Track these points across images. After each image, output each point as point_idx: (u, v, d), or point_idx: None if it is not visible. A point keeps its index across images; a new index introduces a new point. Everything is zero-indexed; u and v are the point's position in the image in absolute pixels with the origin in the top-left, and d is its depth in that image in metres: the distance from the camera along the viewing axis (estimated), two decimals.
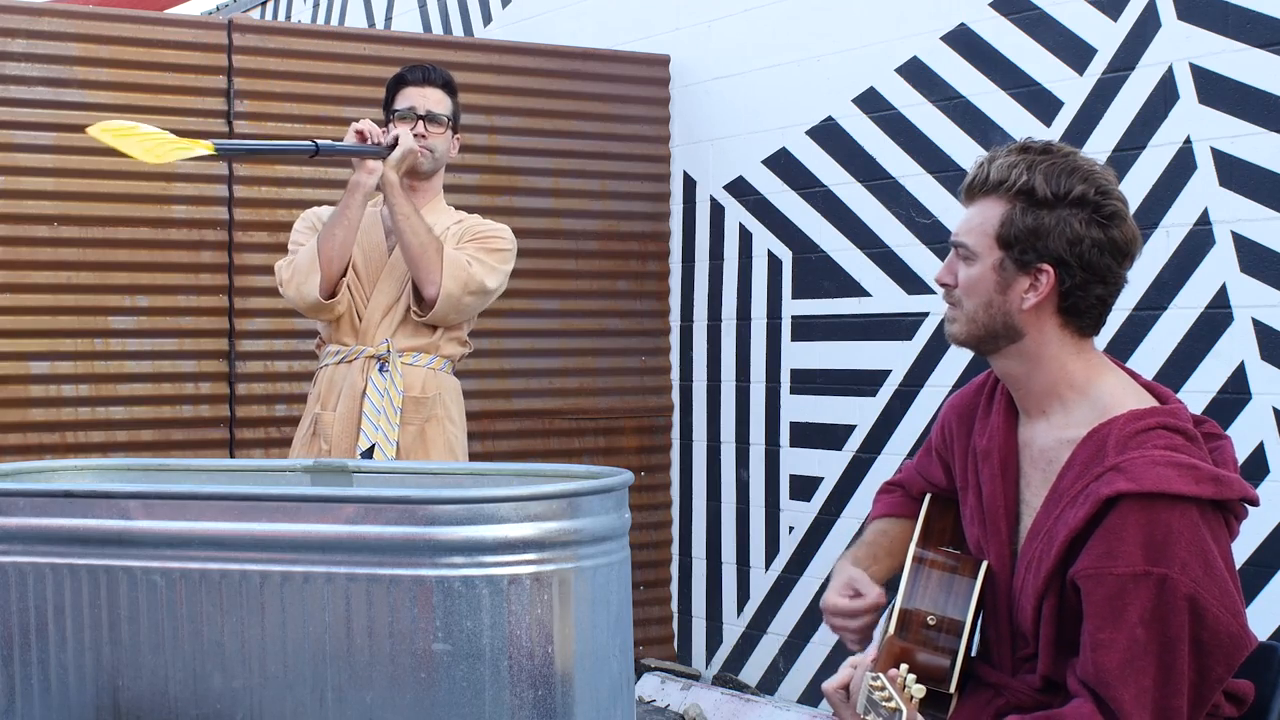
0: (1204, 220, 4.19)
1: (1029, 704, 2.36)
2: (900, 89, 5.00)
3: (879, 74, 5.06)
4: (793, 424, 5.40)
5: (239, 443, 5.08)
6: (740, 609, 5.59)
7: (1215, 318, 4.16)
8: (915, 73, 4.95)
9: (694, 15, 5.73)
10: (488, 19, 6.81)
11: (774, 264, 5.45)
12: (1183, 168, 4.23)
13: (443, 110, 4.01)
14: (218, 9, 9.42)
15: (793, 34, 5.35)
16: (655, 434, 5.83)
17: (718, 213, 5.66)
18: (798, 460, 5.38)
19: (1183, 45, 4.23)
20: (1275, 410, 4.05)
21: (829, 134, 5.23)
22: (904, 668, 2.27)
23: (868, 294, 5.12)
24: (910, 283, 4.97)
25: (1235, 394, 4.12)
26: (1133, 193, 4.31)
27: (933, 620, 2.41)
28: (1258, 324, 4.08)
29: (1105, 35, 4.42)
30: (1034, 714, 2.29)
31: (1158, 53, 4.29)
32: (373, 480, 2.96)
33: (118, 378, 4.92)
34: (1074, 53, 4.50)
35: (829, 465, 5.26)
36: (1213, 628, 2.18)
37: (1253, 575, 3.97)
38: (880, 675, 2.22)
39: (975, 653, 2.51)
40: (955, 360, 4.80)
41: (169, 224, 5.00)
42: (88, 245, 4.88)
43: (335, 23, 8.03)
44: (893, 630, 2.42)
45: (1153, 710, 2.17)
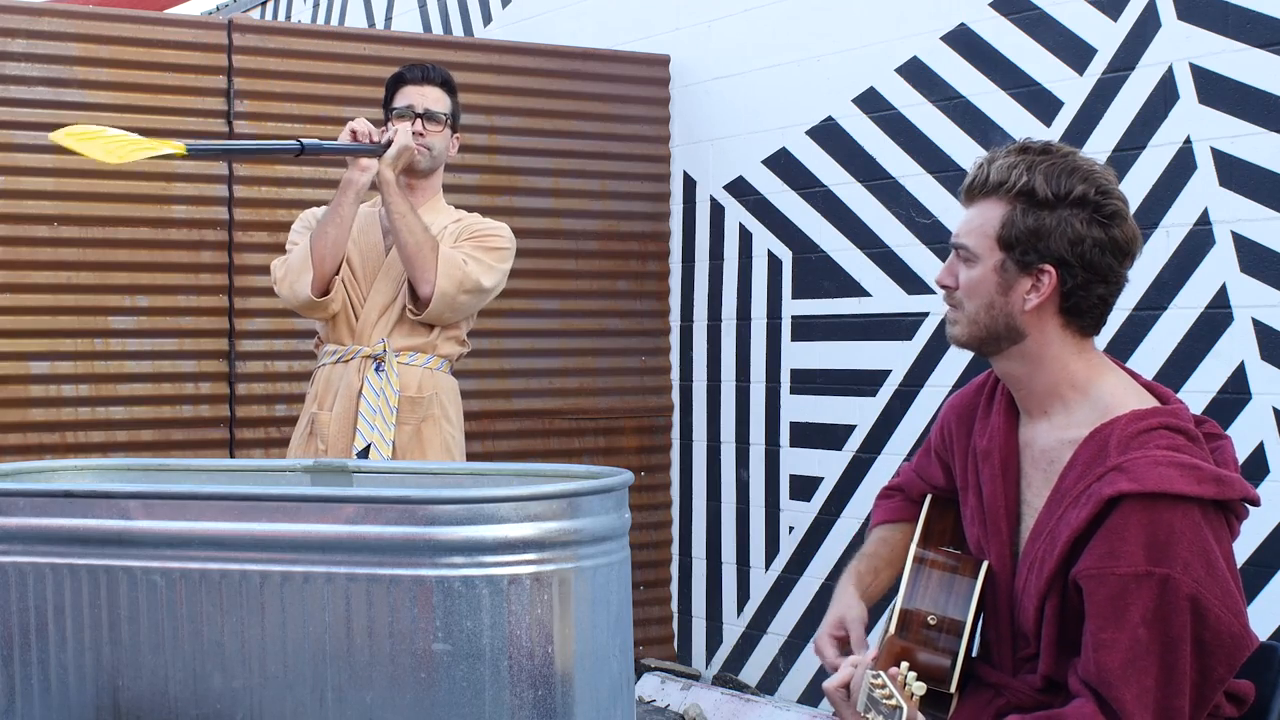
0: (1204, 220, 4.19)
1: (1030, 704, 2.35)
2: (900, 89, 5.00)
3: (879, 74, 5.06)
4: (793, 424, 5.40)
5: (239, 443, 5.07)
6: (740, 609, 5.59)
7: (1215, 318, 4.16)
8: (915, 73, 4.95)
9: (694, 15, 5.73)
10: (488, 19, 6.81)
11: (774, 264, 5.45)
12: (1183, 168, 4.23)
13: (441, 109, 4.00)
14: (218, 9, 9.42)
15: (793, 34, 5.35)
16: (655, 434, 5.83)
17: (718, 213, 5.66)
18: (798, 460, 5.38)
19: (1183, 45, 4.23)
20: (1275, 410, 4.05)
21: (829, 134, 5.23)
22: (904, 665, 2.28)
23: (868, 294, 5.11)
24: (910, 283, 4.97)
25: (1235, 394, 4.12)
26: (1133, 193, 4.31)
27: (933, 620, 2.41)
28: (1258, 324, 4.08)
29: (1105, 35, 4.42)
30: (1035, 714, 2.29)
31: (1158, 53, 4.29)
32: (373, 480, 2.96)
33: (118, 378, 4.91)
34: (1074, 53, 4.50)
35: (829, 465, 5.26)
36: (1215, 628, 2.18)
37: (1253, 575, 3.97)
38: (881, 673, 2.22)
39: (976, 653, 2.51)
40: (955, 360, 4.80)
41: (169, 224, 5.00)
42: (88, 245, 4.88)
43: (335, 23, 8.03)
44: (893, 630, 2.42)
45: (1154, 710, 2.17)
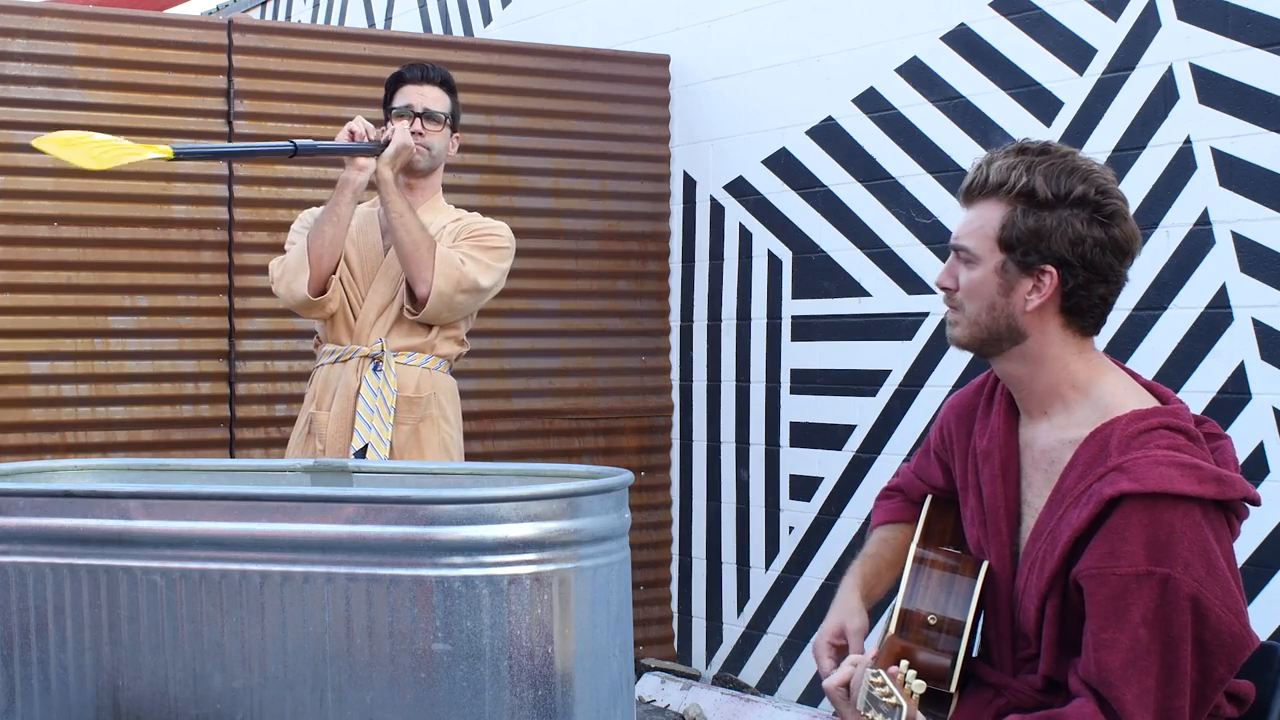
0: (1204, 220, 4.19)
1: (1030, 704, 2.35)
2: (900, 89, 4.99)
3: (879, 74, 5.06)
4: (793, 424, 5.40)
5: (239, 443, 5.07)
6: (740, 609, 5.59)
7: (1215, 318, 4.16)
8: (915, 73, 4.95)
9: (694, 15, 5.73)
10: (488, 19, 6.81)
11: (774, 264, 5.45)
12: (1183, 168, 4.23)
13: (440, 108, 4.00)
14: (218, 9, 9.42)
15: (793, 34, 5.35)
16: (655, 434, 5.83)
17: (718, 213, 5.66)
18: (798, 460, 5.38)
19: (1183, 45, 4.23)
20: (1275, 410, 4.05)
21: (829, 134, 5.23)
22: (904, 664, 2.27)
23: (868, 294, 5.11)
24: (910, 283, 4.97)
25: (1235, 394, 4.11)
26: (1133, 193, 4.31)
27: (933, 620, 2.41)
28: (1258, 324, 4.08)
29: (1105, 35, 4.42)
30: (1035, 714, 2.29)
31: (1158, 53, 4.29)
32: (373, 480, 2.96)
33: (118, 378, 4.91)
34: (1074, 53, 4.50)
35: (829, 465, 5.26)
36: (1215, 628, 2.18)
37: (1253, 575, 3.97)
38: (880, 671, 2.22)
39: (976, 653, 2.51)
40: (955, 360, 4.80)
41: (169, 224, 5.00)
42: (88, 245, 4.88)
43: (335, 23, 8.03)
44: (893, 629, 2.42)
45: (1155, 710, 2.17)
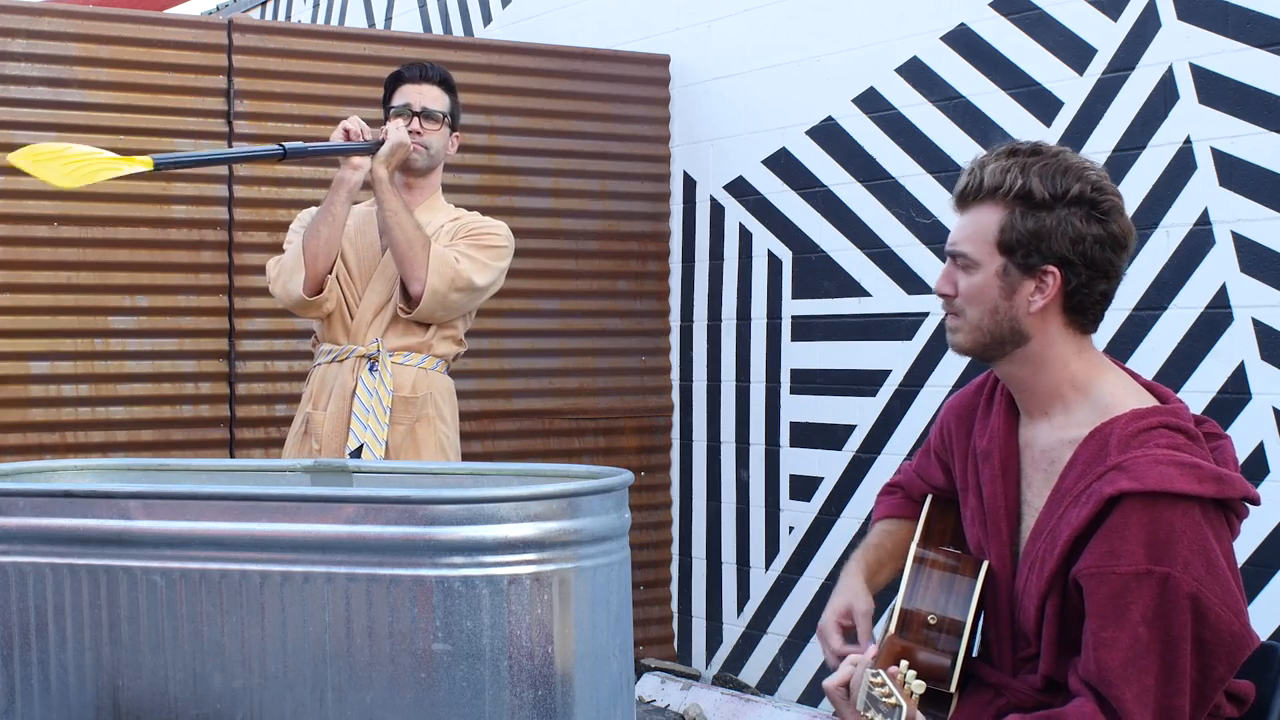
0: (1204, 220, 4.19)
1: (1030, 704, 2.35)
2: (900, 89, 4.99)
3: (879, 74, 5.06)
4: (793, 424, 5.40)
5: (239, 443, 5.07)
6: (740, 609, 5.59)
7: (1215, 318, 4.16)
8: (915, 73, 4.95)
9: (694, 15, 5.73)
10: (488, 19, 6.81)
11: (774, 264, 5.45)
12: (1183, 168, 4.23)
13: (439, 107, 3.99)
14: (218, 9, 9.42)
15: (793, 34, 5.35)
16: (655, 434, 5.83)
17: (718, 213, 5.66)
18: (798, 460, 5.38)
19: (1183, 45, 4.23)
20: (1275, 410, 4.05)
21: (829, 134, 5.23)
22: (904, 664, 2.27)
23: (868, 294, 5.11)
24: (910, 283, 4.97)
25: (1235, 394, 4.11)
26: (1133, 193, 4.31)
27: (933, 620, 2.41)
28: (1258, 324, 4.08)
29: (1105, 35, 4.42)
30: (1035, 714, 2.29)
31: (1158, 53, 4.29)
32: (373, 480, 2.96)
33: (118, 378, 4.91)
34: (1074, 53, 4.50)
35: (829, 465, 5.26)
36: (1215, 627, 2.18)
37: (1253, 575, 3.97)
38: (880, 671, 2.22)
39: (976, 653, 2.51)
40: (955, 360, 4.80)
41: (169, 224, 5.00)
42: (88, 245, 4.88)
43: (335, 23, 8.03)
44: (893, 629, 2.42)
45: (1155, 709, 2.17)
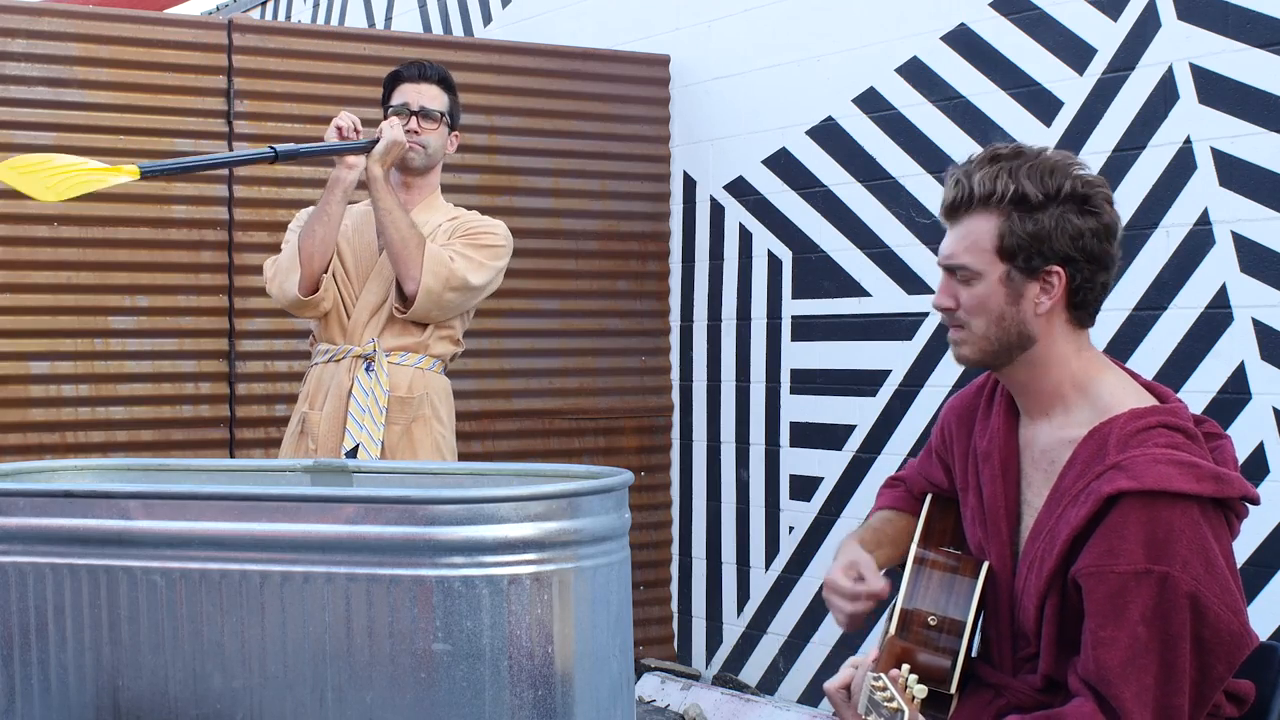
0: (1204, 220, 4.19)
1: (1029, 704, 2.35)
2: (900, 89, 4.99)
3: (879, 74, 5.06)
4: (793, 424, 5.40)
5: (239, 443, 5.07)
6: (740, 609, 5.59)
7: (1215, 318, 4.16)
8: (915, 73, 4.95)
9: (694, 15, 5.73)
10: (488, 19, 6.81)
11: (774, 264, 5.45)
12: (1183, 168, 4.23)
13: (437, 106, 3.99)
14: (218, 9, 9.42)
15: (793, 34, 5.35)
16: (655, 434, 5.83)
17: (718, 213, 5.66)
18: (798, 460, 5.38)
19: (1183, 45, 4.23)
20: (1275, 410, 4.05)
21: (829, 134, 5.23)
22: (906, 668, 2.27)
23: (868, 294, 5.11)
24: (910, 283, 4.97)
25: (1235, 394, 4.11)
26: (1133, 193, 4.31)
27: (934, 620, 2.41)
28: (1258, 324, 4.08)
29: (1105, 35, 4.42)
30: (1035, 714, 2.29)
31: (1158, 53, 4.29)
32: (373, 480, 2.96)
33: (118, 378, 4.91)
34: (1074, 53, 4.50)
35: (829, 465, 5.26)
36: (1214, 626, 2.18)
37: (1253, 575, 3.97)
38: (882, 675, 2.22)
39: (975, 653, 2.51)
40: (955, 360, 4.79)
41: (169, 224, 5.00)
42: (88, 245, 4.88)
43: (335, 23, 8.03)
44: (894, 630, 2.42)
45: (1154, 709, 2.17)
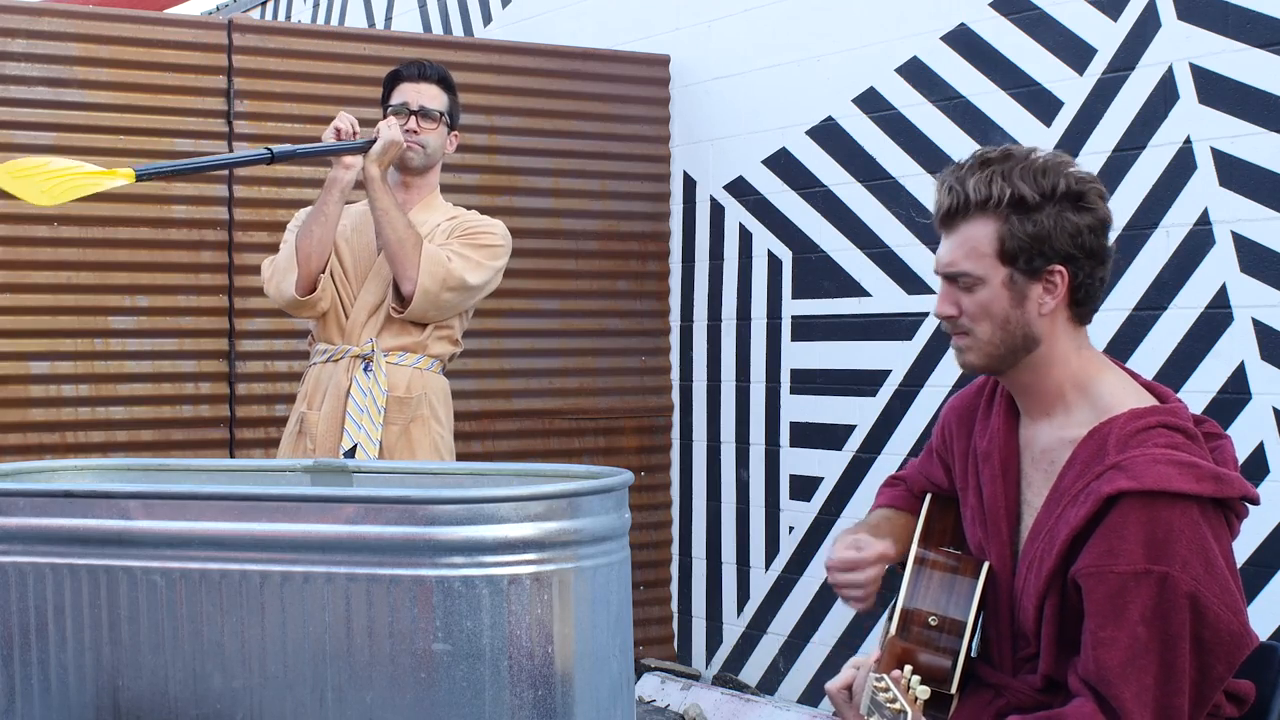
0: (1204, 220, 4.19)
1: (1030, 704, 2.35)
2: (900, 89, 4.99)
3: (879, 74, 5.06)
4: (793, 424, 5.40)
5: (239, 443, 5.08)
6: (740, 609, 5.59)
7: (1215, 318, 4.16)
8: (915, 73, 4.95)
9: (694, 15, 5.73)
10: (488, 19, 6.81)
11: (774, 264, 5.45)
12: (1183, 168, 4.23)
13: (437, 105, 3.98)
14: (218, 9, 9.42)
15: (793, 34, 5.35)
16: (655, 434, 5.83)
17: (718, 213, 5.66)
18: (798, 460, 5.38)
19: (1183, 45, 4.23)
20: (1275, 410, 4.05)
21: (829, 134, 5.23)
22: (908, 669, 2.28)
23: (868, 294, 5.11)
24: (910, 283, 4.97)
25: (1235, 394, 4.11)
26: (1133, 193, 4.31)
27: (934, 620, 2.41)
28: (1258, 324, 4.08)
29: (1105, 35, 4.42)
30: (1035, 714, 2.29)
31: (1158, 53, 4.29)
32: (373, 480, 2.96)
33: (118, 378, 4.91)
34: (1074, 53, 4.50)
35: (829, 465, 5.26)
36: (1214, 626, 2.18)
37: (1253, 575, 3.97)
38: (884, 676, 2.22)
39: (975, 653, 2.51)
40: (955, 360, 4.79)
41: (169, 224, 5.00)
42: (88, 245, 4.88)
43: (335, 23, 8.03)
44: (894, 631, 2.42)
45: (1154, 708, 2.17)
